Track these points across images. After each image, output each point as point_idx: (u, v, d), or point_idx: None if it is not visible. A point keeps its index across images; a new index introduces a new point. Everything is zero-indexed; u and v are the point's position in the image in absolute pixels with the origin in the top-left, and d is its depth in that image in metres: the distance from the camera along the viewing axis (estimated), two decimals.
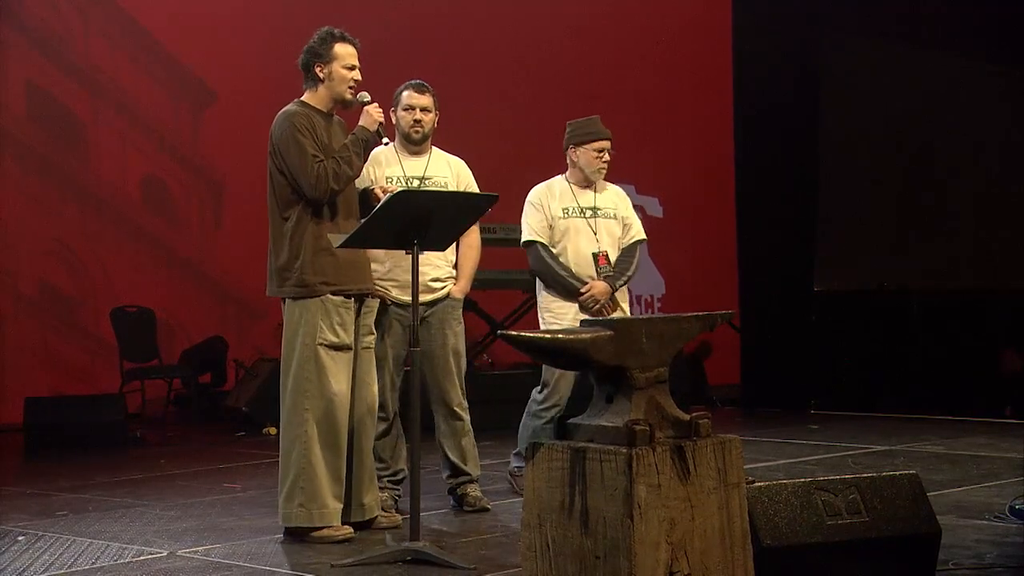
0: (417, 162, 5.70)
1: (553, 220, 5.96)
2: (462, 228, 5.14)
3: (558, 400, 5.90)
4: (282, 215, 5.05)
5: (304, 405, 4.99)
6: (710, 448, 3.35)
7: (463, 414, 5.71)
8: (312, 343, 4.99)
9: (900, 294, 11.13)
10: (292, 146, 4.98)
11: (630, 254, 6.02)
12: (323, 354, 4.99)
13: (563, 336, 3.45)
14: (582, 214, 5.95)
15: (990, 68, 11.66)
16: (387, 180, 5.57)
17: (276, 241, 5.08)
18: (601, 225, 5.96)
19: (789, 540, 3.79)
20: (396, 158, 5.69)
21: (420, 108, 5.68)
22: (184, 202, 10.91)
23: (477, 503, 5.66)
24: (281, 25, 10.18)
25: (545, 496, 3.38)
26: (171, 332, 10.45)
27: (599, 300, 5.86)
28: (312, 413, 4.98)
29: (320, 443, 4.99)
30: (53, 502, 6.24)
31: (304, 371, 4.99)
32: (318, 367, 4.99)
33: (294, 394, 5.01)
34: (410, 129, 5.67)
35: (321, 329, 4.99)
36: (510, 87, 11.78)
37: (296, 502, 4.96)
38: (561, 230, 5.95)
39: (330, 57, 5.10)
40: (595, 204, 5.98)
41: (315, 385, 4.98)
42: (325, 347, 5.00)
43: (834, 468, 6.81)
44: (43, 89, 10.19)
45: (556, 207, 5.97)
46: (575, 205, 5.96)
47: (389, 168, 5.63)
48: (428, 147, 5.76)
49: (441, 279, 5.67)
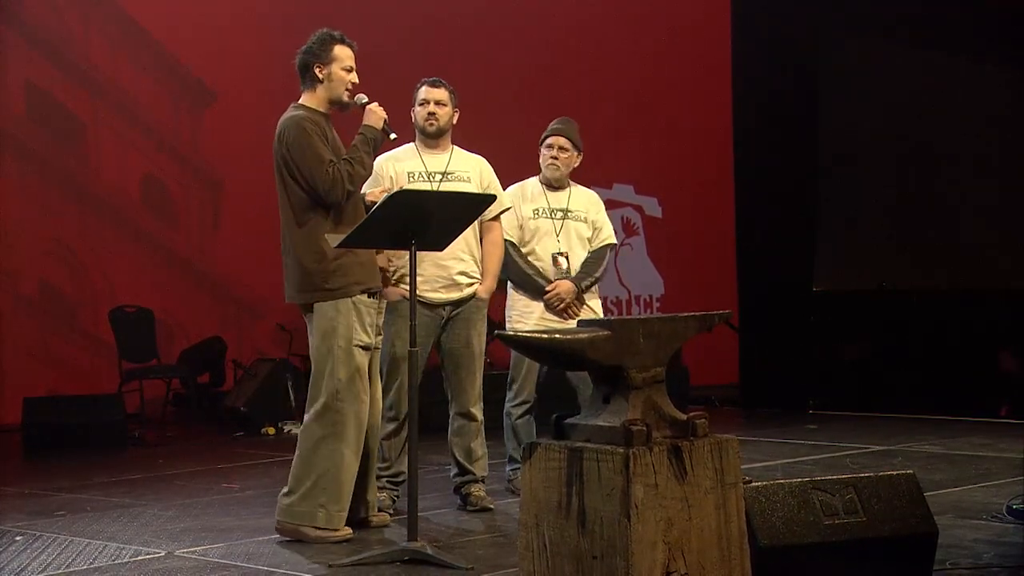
0: (439, 158, 5.72)
1: (523, 220, 6.04)
2: (460, 228, 5.13)
3: (527, 396, 6.01)
4: (298, 222, 5.02)
5: (339, 407, 4.98)
6: (707, 448, 3.35)
7: (478, 414, 5.74)
8: (348, 345, 4.99)
9: (900, 294, 11.12)
10: (307, 152, 4.97)
11: (599, 256, 6.07)
12: (358, 355, 5.01)
13: (560, 336, 3.45)
14: (551, 215, 6.05)
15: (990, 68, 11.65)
16: (408, 176, 5.58)
17: (297, 247, 5.04)
18: (569, 227, 6.03)
19: (786, 540, 3.79)
20: (417, 154, 5.70)
21: (434, 101, 5.70)
22: (184, 202, 10.92)
23: (479, 503, 5.68)
24: (281, 26, 10.18)
25: (542, 496, 3.38)
26: (170, 332, 10.45)
27: (564, 299, 5.92)
28: (347, 415, 4.98)
29: (350, 446, 4.99)
30: (51, 502, 6.24)
31: (341, 372, 4.98)
32: (355, 369, 5.00)
33: (329, 395, 4.99)
34: (424, 123, 5.70)
35: (356, 331, 5.00)
36: (509, 87, 11.78)
37: (318, 501, 4.95)
38: (531, 230, 6.04)
39: (329, 58, 5.10)
40: (566, 206, 6.07)
41: (352, 387, 4.99)
42: (359, 348, 5.01)
43: (832, 468, 6.81)
44: (43, 89, 10.19)
45: (527, 208, 6.07)
46: (545, 206, 6.05)
47: (410, 163, 5.64)
48: (448, 144, 5.78)
49: (468, 274, 5.69)
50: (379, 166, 5.65)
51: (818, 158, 11.23)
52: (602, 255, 6.08)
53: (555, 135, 6.05)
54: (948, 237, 11.78)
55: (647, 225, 12.57)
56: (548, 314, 5.96)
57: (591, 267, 6.03)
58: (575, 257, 6.02)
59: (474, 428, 5.73)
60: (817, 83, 11.24)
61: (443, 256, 5.51)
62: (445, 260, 5.58)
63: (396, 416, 5.57)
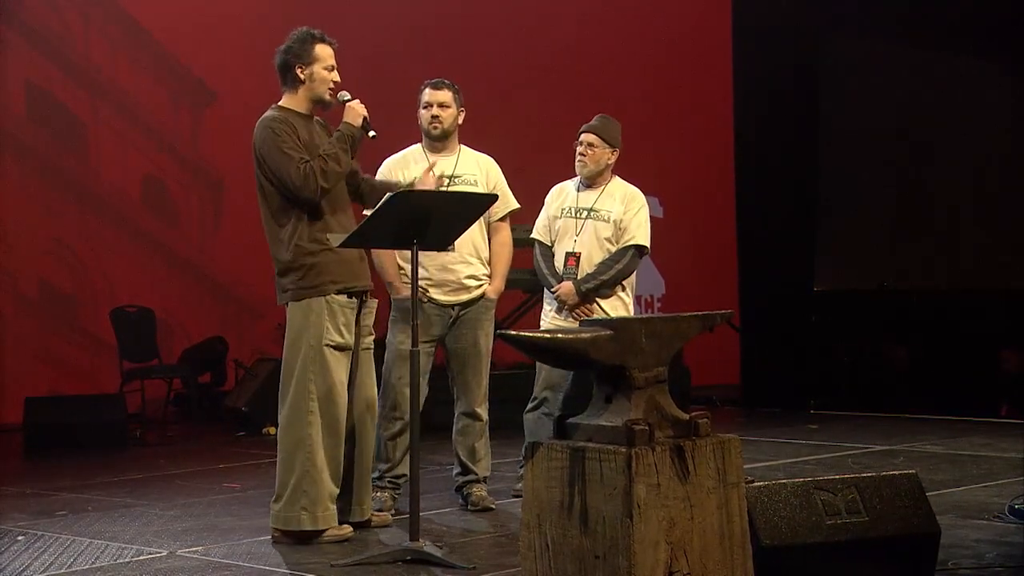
0: (446, 160, 5.70)
1: (550, 219, 5.98)
2: (462, 228, 5.13)
3: (537, 392, 5.90)
4: (277, 223, 5.01)
5: (309, 407, 4.96)
6: (709, 448, 3.35)
7: (483, 414, 5.74)
8: (318, 344, 4.96)
9: (900, 294, 11.12)
10: (274, 152, 4.93)
11: (615, 258, 5.84)
12: (328, 355, 4.98)
13: (562, 336, 3.46)
14: (575, 215, 5.92)
15: (990, 67, 11.65)
16: (416, 180, 5.52)
17: (275, 248, 5.04)
18: (589, 227, 5.87)
19: (788, 540, 3.79)
20: (424, 158, 5.69)
21: (438, 104, 5.68)
22: (184, 202, 10.91)
23: (481, 503, 5.68)
24: (281, 25, 10.04)
25: (544, 496, 3.38)
26: (171, 332, 10.45)
27: (564, 301, 5.83)
28: (316, 415, 4.96)
29: (323, 445, 4.98)
30: (53, 502, 6.24)
31: (309, 372, 4.96)
32: (323, 368, 4.96)
33: (298, 396, 4.97)
34: (428, 125, 5.69)
35: (327, 330, 4.97)
36: (511, 88, 11.78)
37: (299, 505, 4.94)
38: (556, 230, 5.96)
39: (311, 58, 5.07)
40: (592, 205, 5.90)
41: (320, 387, 4.97)
42: (330, 348, 4.98)
43: (833, 468, 6.82)
44: (43, 89, 10.19)
45: (556, 207, 5.99)
46: (572, 206, 5.94)
47: (417, 168, 5.62)
48: (456, 145, 5.77)
49: (476, 277, 5.70)
50: (388, 171, 5.64)
51: (818, 158, 11.23)
52: (619, 257, 5.82)
53: (585, 132, 5.94)
54: (948, 237, 11.78)
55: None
56: (558, 316, 5.88)
57: (602, 269, 5.81)
58: (592, 258, 5.84)
59: (478, 428, 5.73)
60: (817, 83, 11.23)
61: (451, 260, 5.52)
62: (453, 264, 5.58)
63: (401, 416, 5.57)
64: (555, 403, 5.83)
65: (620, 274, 5.84)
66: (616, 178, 6.00)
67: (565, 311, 5.85)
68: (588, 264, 5.85)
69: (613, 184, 5.97)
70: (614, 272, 5.81)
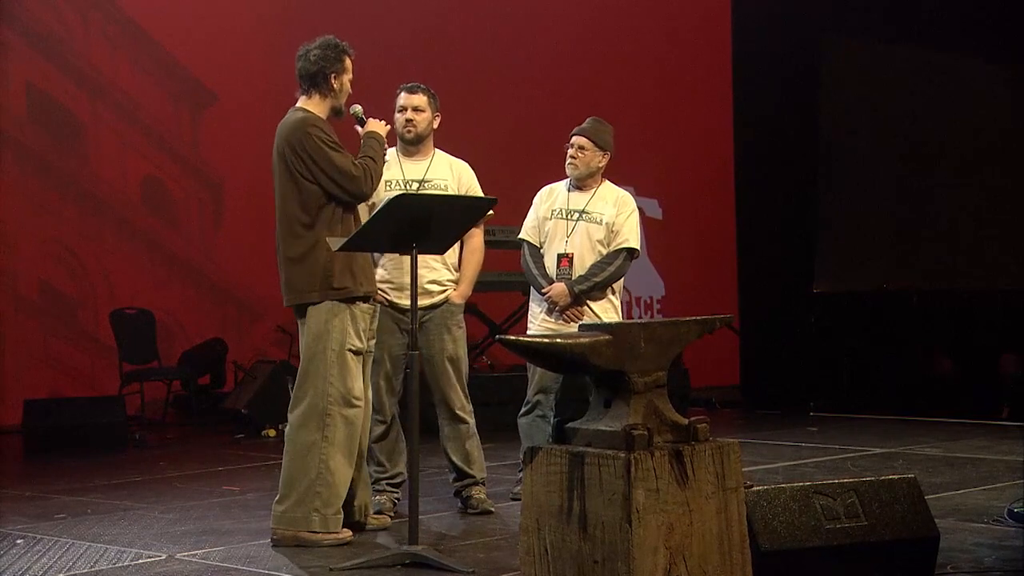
0: (417, 165, 5.69)
1: (540, 221, 5.97)
2: (461, 231, 5.14)
3: (531, 396, 5.88)
4: (303, 223, 5.01)
5: (330, 410, 4.97)
6: (708, 452, 3.35)
7: (466, 417, 5.71)
8: (341, 348, 4.98)
9: (900, 295, 11.12)
10: (325, 150, 4.97)
11: (608, 260, 5.83)
12: (350, 359, 5.00)
13: (561, 340, 3.44)
14: (567, 216, 5.91)
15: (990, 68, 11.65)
16: (386, 185, 5.54)
17: (298, 248, 5.02)
18: (581, 229, 5.86)
19: (787, 544, 3.79)
20: (396, 161, 5.68)
21: (412, 108, 5.67)
22: (183, 203, 10.91)
23: (480, 505, 5.67)
24: (280, 27, 10.18)
25: (543, 500, 3.38)
26: (170, 334, 10.45)
27: (555, 302, 5.82)
28: (334, 418, 4.98)
29: (342, 449, 4.99)
30: (52, 504, 6.23)
31: (331, 376, 4.98)
32: (344, 372, 4.99)
33: (318, 398, 4.98)
34: (403, 129, 5.68)
35: (350, 335, 5.00)
36: (509, 90, 11.77)
37: (311, 507, 4.95)
38: (546, 231, 5.95)
39: (342, 69, 5.13)
40: (584, 207, 5.89)
41: (341, 390, 4.98)
42: (352, 352, 5.01)
43: (833, 471, 6.81)
44: (43, 90, 10.18)
45: (546, 208, 5.97)
46: (563, 207, 5.92)
47: (389, 171, 5.61)
48: (430, 149, 5.75)
49: (440, 282, 5.66)
50: None
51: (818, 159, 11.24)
52: (612, 259, 5.82)
53: (576, 135, 5.95)
54: (948, 237, 11.78)
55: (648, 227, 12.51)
56: (548, 318, 5.87)
57: (595, 270, 5.80)
58: (584, 259, 5.83)
59: (464, 431, 5.71)
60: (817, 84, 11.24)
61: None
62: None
63: (384, 419, 5.57)
64: (549, 406, 5.84)
65: (613, 276, 5.84)
66: (607, 182, 6.02)
67: (556, 312, 5.84)
68: (579, 266, 5.85)
69: (604, 187, 5.98)
70: (607, 274, 5.81)
